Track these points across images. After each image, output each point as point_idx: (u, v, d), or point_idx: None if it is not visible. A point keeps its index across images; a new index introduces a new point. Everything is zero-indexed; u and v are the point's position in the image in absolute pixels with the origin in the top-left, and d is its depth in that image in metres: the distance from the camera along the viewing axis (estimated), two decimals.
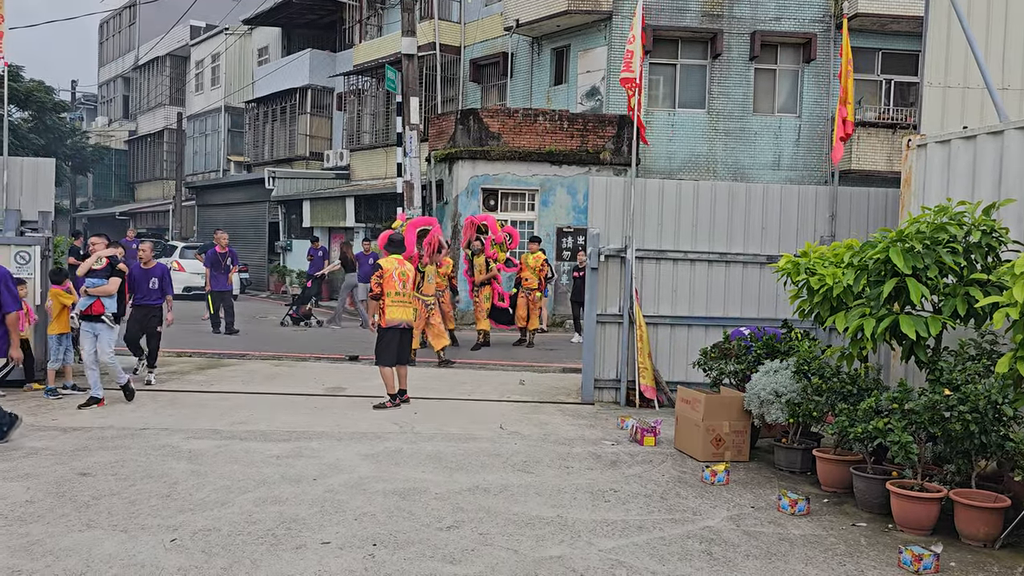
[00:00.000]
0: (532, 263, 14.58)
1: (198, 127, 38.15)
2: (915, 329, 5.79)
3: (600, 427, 8.48)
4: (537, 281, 14.52)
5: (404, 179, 17.94)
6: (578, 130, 18.81)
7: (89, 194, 46.62)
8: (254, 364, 11.87)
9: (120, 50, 45.44)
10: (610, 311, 9.71)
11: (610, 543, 5.08)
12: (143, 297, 10.35)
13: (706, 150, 19.72)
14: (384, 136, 26.10)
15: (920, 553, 4.76)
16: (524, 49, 22.09)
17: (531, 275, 14.52)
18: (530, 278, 14.52)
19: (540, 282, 14.58)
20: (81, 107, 51.13)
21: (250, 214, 29.69)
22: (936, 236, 5.94)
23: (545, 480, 6.43)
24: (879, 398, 5.99)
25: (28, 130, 32.03)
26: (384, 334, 8.97)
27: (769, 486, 6.54)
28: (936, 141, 7.52)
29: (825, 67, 19.78)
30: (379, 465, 6.69)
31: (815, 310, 6.79)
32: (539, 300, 14.61)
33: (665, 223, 9.72)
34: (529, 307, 14.47)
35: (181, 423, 8.03)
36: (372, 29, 27.63)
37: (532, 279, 14.51)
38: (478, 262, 14.17)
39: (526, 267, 14.56)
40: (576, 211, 18.78)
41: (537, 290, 14.51)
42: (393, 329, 8.97)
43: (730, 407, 7.32)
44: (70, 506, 5.45)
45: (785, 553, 5.02)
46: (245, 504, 5.57)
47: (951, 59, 8.39)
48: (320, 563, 4.59)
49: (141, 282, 10.32)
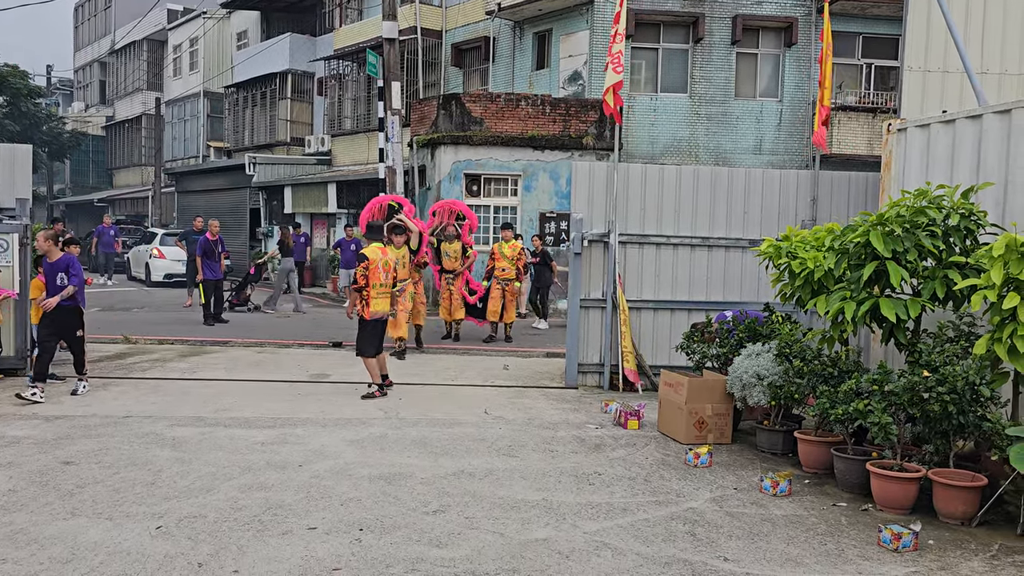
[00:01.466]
0: (508, 252, 13.55)
1: (177, 112, 37.74)
2: (895, 312, 5.86)
3: (584, 411, 8.53)
4: (515, 271, 13.54)
5: (386, 165, 17.86)
6: (560, 115, 18.78)
7: (67, 181, 46.06)
8: (237, 351, 11.82)
9: (96, 34, 44.78)
10: (593, 296, 9.74)
11: (595, 525, 5.12)
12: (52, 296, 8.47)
13: (688, 134, 19.76)
14: (366, 121, 25.92)
15: (899, 532, 4.84)
16: (506, 33, 21.99)
17: (508, 264, 13.48)
18: (507, 268, 13.46)
19: (519, 272, 13.65)
20: (57, 92, 50.40)
21: (231, 200, 29.43)
22: (916, 220, 6.00)
23: (530, 464, 6.47)
24: (859, 380, 6.06)
25: (3, 116, 31.55)
26: (367, 326, 8.78)
27: (751, 468, 6.61)
28: (916, 125, 7.58)
29: (807, 51, 19.84)
30: (364, 451, 6.70)
31: (796, 293, 6.85)
32: (517, 291, 13.79)
33: (648, 208, 9.74)
34: (505, 299, 13.46)
35: (165, 411, 8.00)
36: (352, 13, 27.38)
37: (510, 269, 13.47)
38: (451, 248, 13.09)
39: (501, 257, 13.52)
40: (559, 196, 18.78)
41: (516, 280, 13.60)
42: (376, 321, 8.83)
43: (713, 390, 7.39)
44: (54, 495, 5.42)
45: (767, 533, 5.09)
46: (230, 491, 5.57)
47: (931, 43, 8.45)
48: (307, 548, 4.61)
49: (47, 279, 8.63)
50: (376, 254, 8.84)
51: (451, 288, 13.19)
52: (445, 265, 13.16)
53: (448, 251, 13.09)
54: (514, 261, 13.49)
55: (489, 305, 13.33)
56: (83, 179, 45.84)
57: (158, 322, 15.05)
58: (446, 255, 13.13)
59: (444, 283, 13.25)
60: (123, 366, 10.43)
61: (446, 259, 13.14)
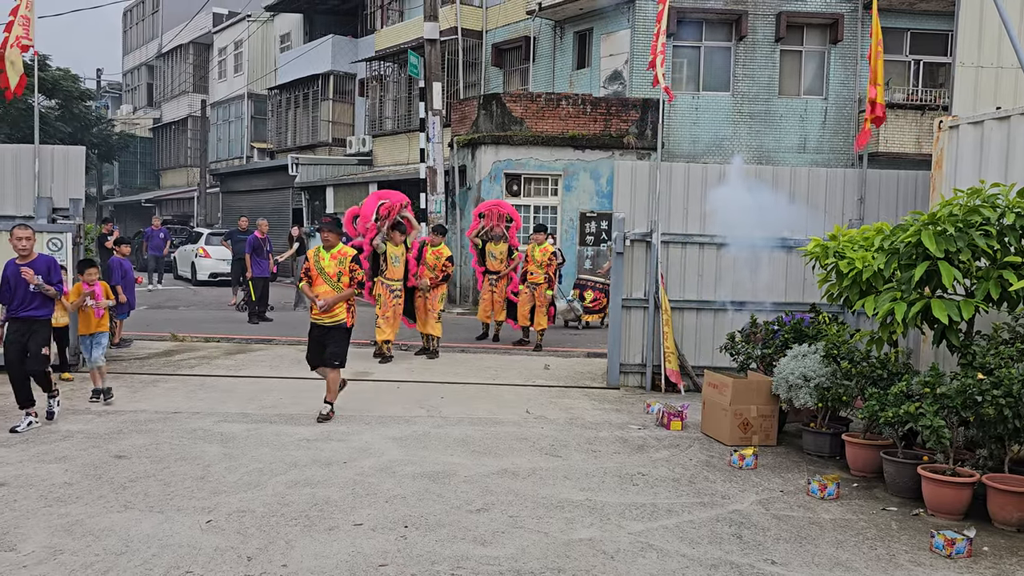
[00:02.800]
0: (539, 256, 12.60)
1: (221, 114, 38.37)
2: (947, 313, 5.73)
3: (626, 411, 8.49)
4: (544, 276, 12.58)
5: (427, 165, 17.96)
6: (601, 114, 18.71)
7: (115, 182, 47.09)
8: (281, 349, 11.97)
9: (144, 38, 45.75)
10: (635, 296, 9.69)
11: (639, 526, 5.10)
12: (20, 305, 7.16)
13: (731, 133, 19.55)
14: (406, 122, 26.10)
15: (953, 537, 4.74)
16: (547, 33, 21.97)
17: (536, 269, 12.57)
18: (535, 272, 12.57)
19: (548, 277, 12.65)
20: (106, 95, 51.54)
21: (274, 201, 29.84)
22: (969, 219, 5.87)
23: (573, 464, 6.45)
24: (910, 382, 5.95)
25: (55, 119, 32.35)
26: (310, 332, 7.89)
27: (798, 470, 6.52)
28: (968, 122, 7.41)
29: (852, 48, 19.50)
30: (407, 448, 6.75)
31: (844, 294, 6.74)
32: (546, 297, 12.64)
33: (691, 207, 9.66)
34: (535, 304, 12.59)
35: (212, 407, 8.14)
36: (394, 14, 27.58)
37: (538, 273, 12.56)
38: (496, 249, 12.81)
39: (531, 260, 12.67)
40: (600, 196, 18.71)
41: (544, 285, 12.58)
42: (315, 327, 7.81)
43: (758, 391, 7.30)
44: (107, 487, 5.55)
45: (815, 537, 5.01)
46: (277, 486, 5.65)
47: (984, 38, 8.24)
48: (353, 544, 4.65)
49: (16, 286, 7.15)
50: (312, 257, 7.90)
51: (493, 289, 12.96)
52: (490, 266, 12.97)
53: (494, 252, 12.90)
54: (543, 266, 12.60)
55: (519, 309, 12.81)
56: (131, 180, 46.84)
57: (204, 320, 15.32)
58: (491, 256, 12.94)
59: (487, 284, 13.04)
60: (171, 363, 10.64)
61: (491, 260, 12.96)
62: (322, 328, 7.73)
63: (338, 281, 7.66)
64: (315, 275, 7.74)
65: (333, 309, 7.69)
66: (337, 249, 7.81)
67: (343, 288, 7.69)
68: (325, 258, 7.75)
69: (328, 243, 7.84)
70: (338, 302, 7.67)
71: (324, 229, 7.96)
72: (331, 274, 7.67)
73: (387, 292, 11.09)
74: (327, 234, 7.88)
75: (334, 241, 7.84)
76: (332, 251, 7.79)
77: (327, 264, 7.71)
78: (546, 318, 12.79)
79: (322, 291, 7.65)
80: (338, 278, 7.67)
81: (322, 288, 7.67)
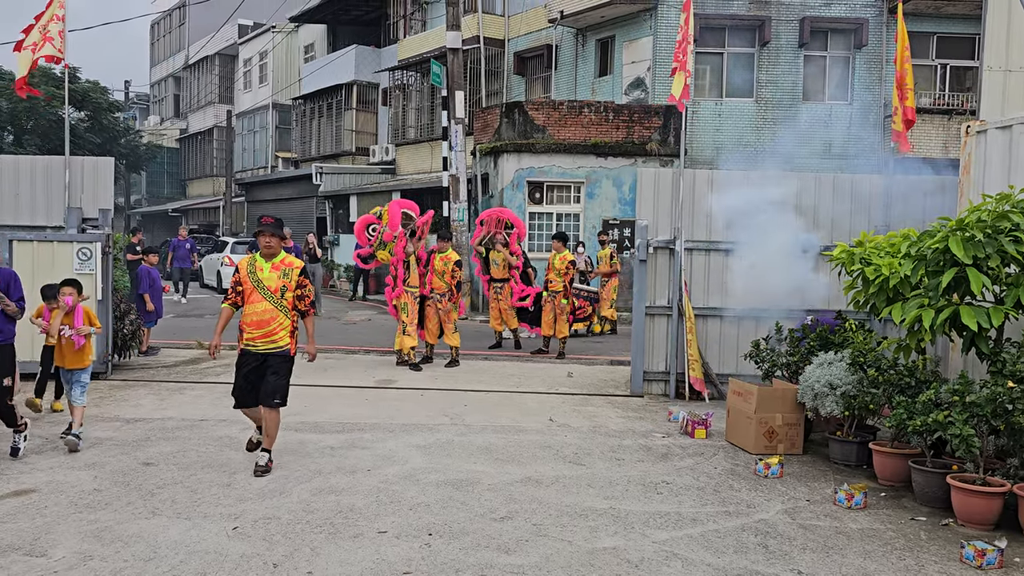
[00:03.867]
0: (558, 265, 12.47)
1: (247, 124, 38.81)
2: (976, 320, 5.66)
3: (650, 419, 8.46)
4: (562, 285, 12.43)
5: (450, 173, 18.04)
6: (624, 121, 18.70)
7: (143, 192, 47.75)
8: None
9: (171, 50, 46.44)
10: (659, 303, 9.66)
11: (664, 535, 5.07)
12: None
13: (754, 139, 19.45)
14: (429, 130, 26.23)
15: (983, 548, 4.67)
16: (568, 41, 22.01)
17: (555, 278, 12.46)
18: (554, 281, 12.45)
19: (566, 287, 12.51)
20: (134, 107, 52.32)
21: (298, 210, 30.10)
22: (998, 224, 5.79)
23: (596, 472, 6.44)
24: (938, 390, 5.87)
25: (85, 130, 32.87)
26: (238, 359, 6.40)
27: (824, 479, 6.46)
28: (997, 127, 7.32)
29: (877, 53, 19.35)
30: (431, 456, 6.76)
31: (871, 301, 6.68)
32: (566, 306, 12.54)
33: (714, 214, 9.61)
34: (556, 313, 12.50)
35: (237, 415, 8.11)
36: (416, 24, 27.77)
37: (557, 282, 12.41)
38: (498, 257, 12.60)
39: (551, 268, 12.58)
40: (622, 203, 18.69)
41: (562, 294, 12.44)
42: (247, 355, 6.32)
43: (783, 399, 7.24)
44: (136, 494, 5.62)
45: (843, 547, 4.96)
46: (302, 494, 5.69)
47: (1012, 42, 8.14)
48: (378, 552, 4.67)
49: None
50: (244, 267, 6.41)
51: (499, 297, 12.78)
52: (493, 274, 12.81)
53: (496, 259, 12.72)
54: (561, 274, 12.46)
55: (543, 317, 12.66)
56: (158, 190, 47.47)
57: (229, 328, 15.42)
58: (494, 263, 12.76)
59: (492, 292, 12.88)
60: (197, 371, 10.74)
61: (494, 268, 12.76)
62: (256, 356, 6.25)
63: (281, 298, 6.24)
64: (249, 290, 6.28)
65: (272, 334, 6.22)
66: (280, 258, 6.36)
67: (287, 307, 6.26)
68: (264, 268, 6.30)
69: (269, 250, 6.32)
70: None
71: (264, 232, 6.33)
72: (272, 289, 6.23)
73: (412, 299, 11.10)
74: (268, 238, 6.31)
75: (276, 248, 6.36)
76: (274, 260, 6.34)
77: (267, 276, 6.26)
78: (567, 326, 12.73)
79: (261, 309, 6.22)
80: (281, 294, 6.24)
81: (260, 306, 6.23)
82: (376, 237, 11.20)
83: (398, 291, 11.08)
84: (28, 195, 10.02)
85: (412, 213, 11.37)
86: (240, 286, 6.33)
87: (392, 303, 11.24)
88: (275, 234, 6.35)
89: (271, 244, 6.31)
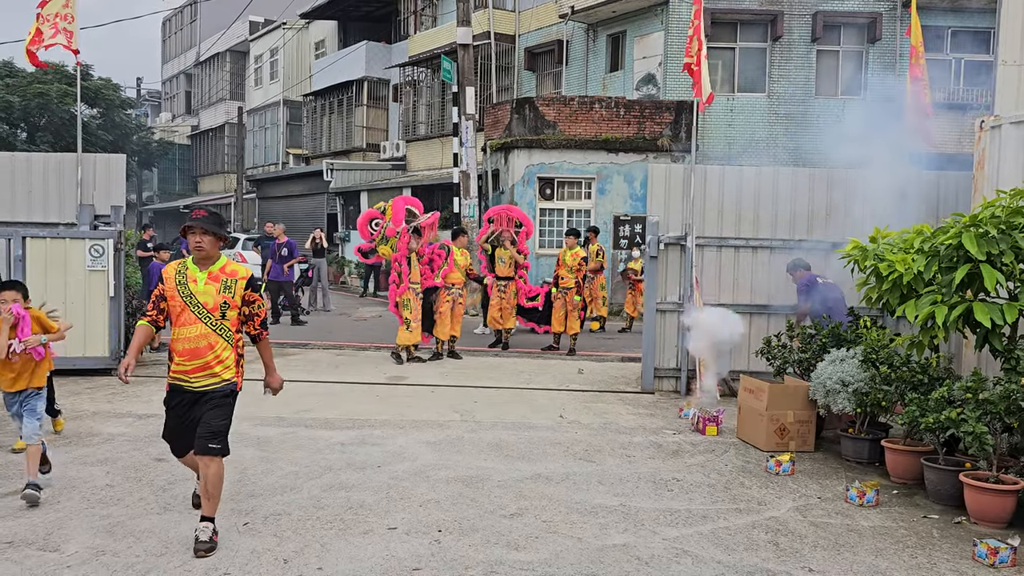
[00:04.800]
0: (570, 261, 12.51)
1: (258, 121, 38.92)
2: (990, 317, 5.61)
3: (661, 416, 8.44)
4: (574, 281, 12.48)
5: (460, 169, 18.03)
6: (635, 117, 18.64)
7: (154, 188, 48.00)
8: (316, 353, 12.09)
9: (182, 47, 46.60)
10: (670, 300, 9.63)
11: (674, 532, 5.06)
12: None
13: (766, 135, 19.36)
14: (440, 126, 26.24)
15: (996, 546, 4.64)
16: (579, 36, 21.95)
17: (567, 273, 12.50)
18: (566, 277, 12.48)
19: (578, 283, 12.55)
20: (146, 104, 52.57)
21: (309, 206, 30.20)
22: (1012, 220, 5.75)
23: (607, 469, 6.43)
24: (951, 388, 5.83)
25: (97, 127, 33.06)
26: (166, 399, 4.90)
27: (836, 477, 6.43)
28: (1011, 122, 7.26)
29: (891, 47, 19.21)
30: (441, 453, 6.77)
31: (884, 297, 6.63)
32: (577, 303, 12.56)
33: (726, 210, 9.57)
34: (567, 310, 12.50)
35: (248, 410, 8.20)
36: (427, 20, 27.77)
37: (568, 278, 12.47)
38: (505, 255, 12.47)
39: (562, 264, 12.62)
40: (633, 199, 18.64)
41: (574, 291, 12.48)
42: (178, 392, 4.78)
43: (794, 396, 7.21)
44: (147, 490, 5.65)
45: (854, 544, 4.93)
46: (313, 490, 5.70)
47: None
48: (387, 548, 4.68)
49: None
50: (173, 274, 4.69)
51: (503, 296, 12.56)
52: (499, 272, 12.60)
53: (503, 257, 12.57)
54: (573, 271, 12.48)
55: (553, 314, 12.60)
56: (170, 186, 47.70)
57: None
58: (500, 261, 12.59)
59: (496, 290, 12.62)
60: None
61: (500, 265, 12.59)
62: (192, 395, 4.71)
63: (221, 318, 4.63)
64: (176, 307, 4.63)
65: (211, 366, 4.62)
66: (220, 265, 4.69)
67: (229, 330, 4.67)
68: (198, 279, 4.63)
69: (200, 253, 4.64)
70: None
71: (195, 228, 4.60)
72: (209, 307, 4.60)
73: (415, 296, 11.20)
74: (199, 237, 4.60)
75: (212, 251, 4.65)
76: (212, 268, 4.67)
77: (201, 290, 4.61)
78: (579, 322, 12.70)
79: (195, 334, 4.60)
80: (221, 313, 4.63)
81: (194, 330, 4.60)
82: (379, 232, 11.30)
83: (403, 288, 11.17)
84: (41, 192, 10.08)
85: (416, 210, 11.45)
86: (164, 301, 4.68)
87: (395, 300, 11.34)
88: (209, 231, 4.62)
89: (202, 245, 4.61)
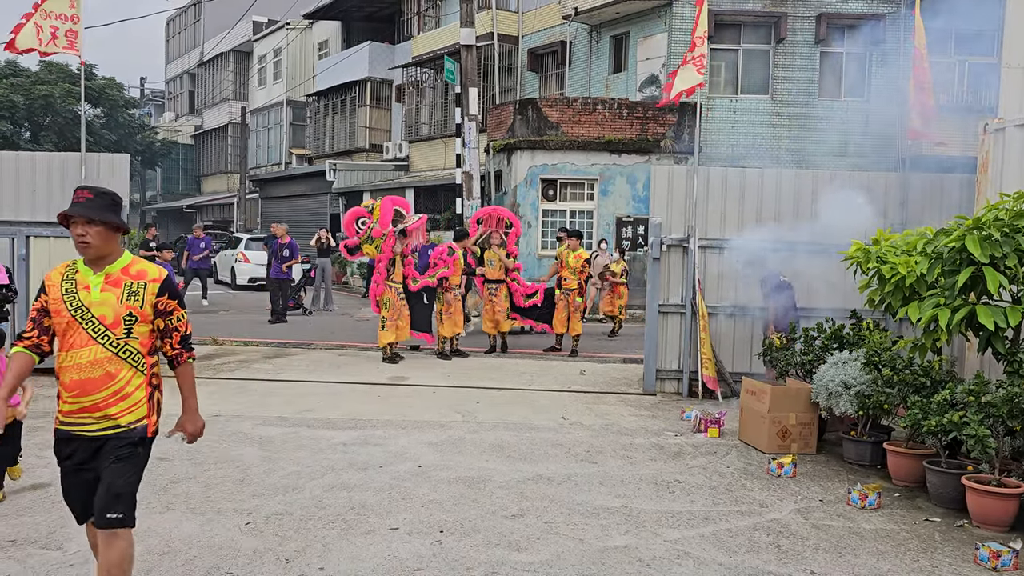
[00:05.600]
0: (572, 262, 12.43)
1: (261, 121, 38.97)
2: (993, 320, 5.61)
3: (663, 418, 8.43)
4: (577, 283, 12.43)
5: (463, 170, 18.04)
6: (638, 118, 18.65)
7: (158, 188, 48.10)
8: (319, 353, 12.10)
9: (186, 47, 46.67)
10: (672, 301, 9.62)
11: (676, 534, 5.06)
12: None
13: (769, 137, 19.35)
14: (443, 127, 26.26)
15: (998, 550, 4.63)
16: (583, 37, 21.96)
17: (570, 275, 12.44)
18: (569, 278, 12.42)
19: (581, 285, 12.53)
20: (149, 103, 52.67)
21: (312, 206, 30.23)
22: (1016, 223, 5.74)
23: (608, 470, 6.43)
24: (954, 390, 5.83)
25: (101, 127, 33.12)
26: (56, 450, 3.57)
27: (838, 479, 6.42)
28: (1015, 125, 7.25)
29: (895, 49, 19.18)
30: (443, 453, 6.77)
31: (886, 300, 6.63)
32: (580, 304, 12.53)
33: (728, 212, 9.57)
34: (569, 311, 12.41)
35: (251, 410, 8.25)
36: (430, 20, 27.79)
37: (571, 279, 12.41)
38: (494, 256, 12.35)
39: (565, 265, 12.51)
40: (636, 200, 18.64)
41: (576, 292, 12.41)
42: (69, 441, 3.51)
43: (796, 399, 7.21)
44: (149, 489, 5.64)
45: (856, 547, 4.93)
46: (315, 490, 5.71)
47: None
48: (389, 548, 4.68)
49: None
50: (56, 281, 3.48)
51: (494, 299, 12.39)
52: (488, 275, 12.44)
53: (492, 259, 12.43)
54: (576, 272, 12.41)
55: (555, 315, 12.53)
56: (173, 186, 47.79)
57: (243, 324, 15.54)
58: (489, 263, 12.43)
59: (487, 293, 12.49)
60: (211, 366, 10.80)
61: (489, 268, 12.43)
62: (88, 443, 3.49)
63: (127, 336, 3.47)
64: (63, 323, 3.43)
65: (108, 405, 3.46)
66: (122, 265, 3.52)
67: (138, 352, 3.52)
68: (92, 284, 3.45)
69: (90, 252, 3.45)
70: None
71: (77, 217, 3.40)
72: (109, 322, 3.43)
73: (395, 295, 11.31)
74: (83, 229, 3.39)
75: (104, 246, 3.46)
76: (110, 269, 3.48)
77: (96, 299, 3.43)
78: (580, 324, 12.68)
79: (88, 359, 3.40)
80: (126, 330, 3.47)
81: (86, 353, 3.41)
82: (365, 231, 11.40)
83: (381, 288, 11.30)
84: (45, 191, 10.09)
85: (404, 212, 11.54)
86: (48, 316, 3.48)
87: (375, 300, 11.45)
88: (94, 220, 3.40)
89: (87, 239, 3.41)
